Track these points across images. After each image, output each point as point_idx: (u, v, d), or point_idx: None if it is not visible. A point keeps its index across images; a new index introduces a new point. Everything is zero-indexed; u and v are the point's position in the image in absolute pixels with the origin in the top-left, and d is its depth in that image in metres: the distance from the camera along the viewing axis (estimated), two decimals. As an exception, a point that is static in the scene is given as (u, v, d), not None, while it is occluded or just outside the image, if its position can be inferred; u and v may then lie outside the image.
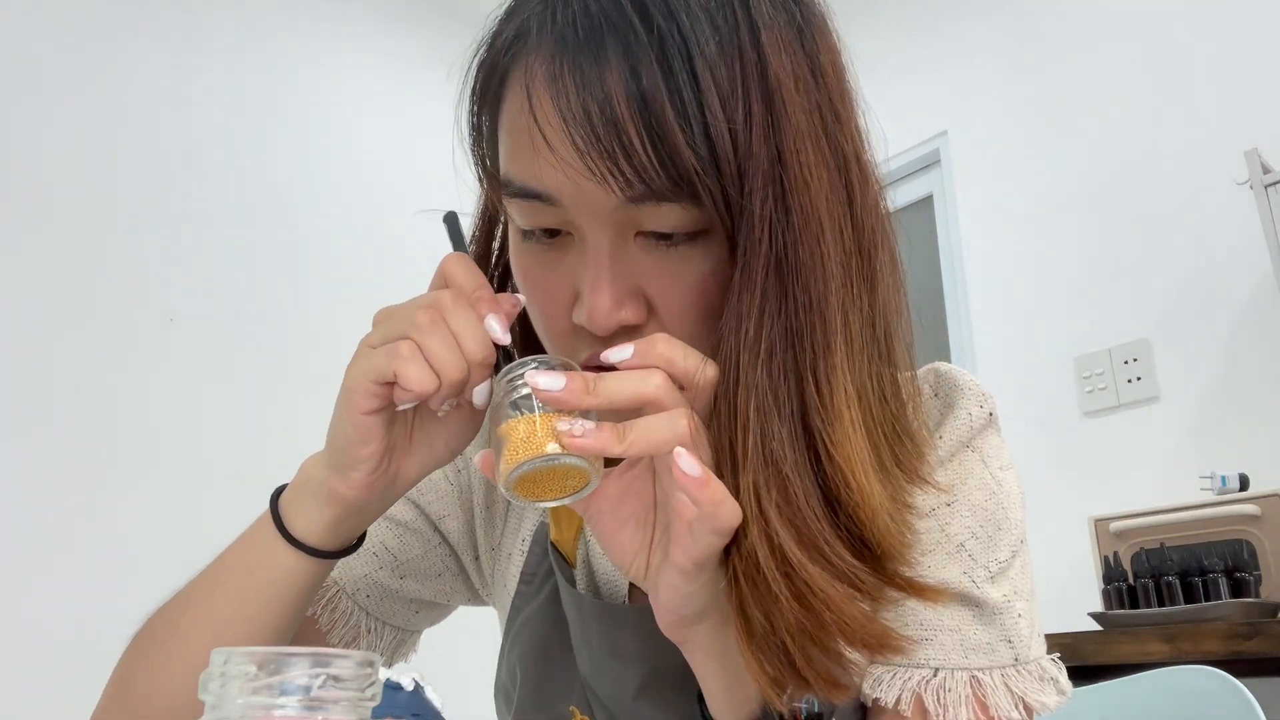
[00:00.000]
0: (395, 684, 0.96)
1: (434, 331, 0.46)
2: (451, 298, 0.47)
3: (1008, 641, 0.52)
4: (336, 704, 0.26)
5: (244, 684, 0.26)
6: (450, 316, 0.46)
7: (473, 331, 0.46)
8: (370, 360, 0.47)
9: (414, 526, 0.69)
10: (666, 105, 0.42)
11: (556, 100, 0.44)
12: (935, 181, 2.59)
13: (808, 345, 0.45)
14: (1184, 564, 1.56)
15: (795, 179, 0.44)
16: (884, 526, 0.45)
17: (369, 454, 0.49)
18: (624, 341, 0.47)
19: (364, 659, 0.27)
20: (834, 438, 0.44)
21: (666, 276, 0.48)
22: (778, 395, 0.45)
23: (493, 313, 0.47)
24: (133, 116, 2.14)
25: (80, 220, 2.00)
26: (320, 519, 0.52)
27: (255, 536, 0.54)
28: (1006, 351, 2.30)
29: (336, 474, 0.50)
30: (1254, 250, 1.86)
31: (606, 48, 0.43)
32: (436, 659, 1.19)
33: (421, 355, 0.45)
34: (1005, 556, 0.54)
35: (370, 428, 0.48)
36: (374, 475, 0.50)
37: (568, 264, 0.49)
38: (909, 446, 0.50)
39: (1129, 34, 2.21)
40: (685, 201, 0.44)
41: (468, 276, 0.49)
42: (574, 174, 0.44)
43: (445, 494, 0.70)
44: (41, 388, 1.87)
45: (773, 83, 0.44)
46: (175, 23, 2.25)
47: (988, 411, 0.57)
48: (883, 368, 0.49)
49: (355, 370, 0.47)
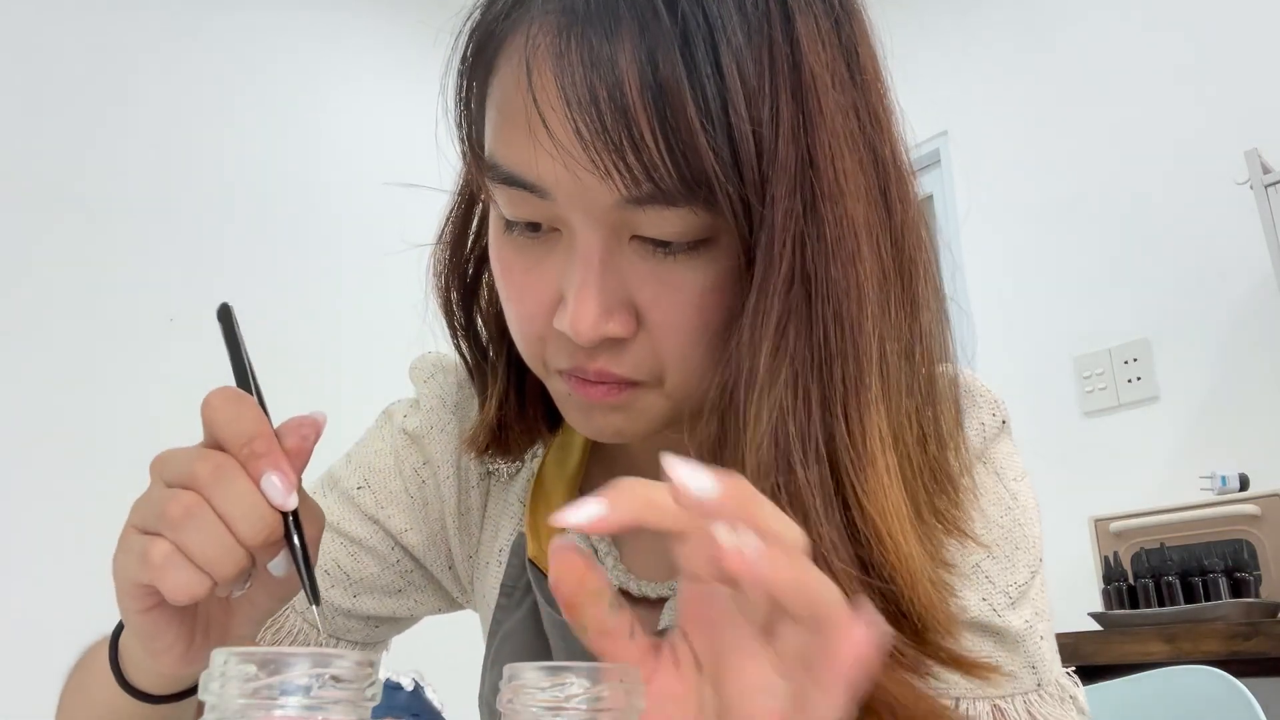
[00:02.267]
0: (395, 684, 0.96)
1: (191, 524, 0.37)
2: (212, 469, 0.37)
3: (1031, 667, 0.49)
4: (336, 704, 0.26)
5: (244, 684, 0.26)
6: (215, 495, 0.37)
7: (246, 511, 0.37)
8: (126, 562, 0.39)
9: (369, 544, 0.62)
10: (686, 98, 0.37)
11: (560, 79, 0.38)
12: (935, 181, 2.59)
13: (838, 377, 0.40)
14: (1184, 564, 1.56)
15: (829, 186, 0.40)
16: (925, 595, 0.39)
17: (171, 640, 0.41)
18: (608, 354, 0.43)
19: (364, 659, 0.27)
20: (867, 486, 0.39)
21: (662, 288, 0.42)
22: (801, 432, 0.39)
23: (272, 470, 0.37)
24: (132, 116, 2.13)
25: (80, 220, 2.00)
26: (155, 679, 0.45)
27: (94, 671, 0.48)
28: (1006, 351, 2.30)
29: (149, 658, 0.43)
30: (1254, 250, 1.86)
31: (621, 25, 0.38)
32: (436, 659, 1.20)
33: (181, 556, 0.37)
34: (1024, 578, 0.51)
35: (157, 621, 0.40)
36: (190, 653, 0.42)
37: (553, 262, 0.44)
38: (950, 496, 0.45)
39: (1129, 34, 2.21)
40: (696, 206, 0.39)
41: (236, 424, 0.38)
42: (574, 165, 0.39)
43: (407, 507, 0.62)
44: (41, 388, 1.87)
45: (806, 78, 0.39)
46: (175, 23, 2.25)
47: (1000, 420, 0.53)
48: (923, 405, 0.44)
49: (116, 567, 0.40)
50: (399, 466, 0.63)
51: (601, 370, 0.44)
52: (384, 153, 2.56)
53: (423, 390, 0.64)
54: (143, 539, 0.38)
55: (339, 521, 0.61)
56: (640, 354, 0.44)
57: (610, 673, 0.30)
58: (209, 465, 0.38)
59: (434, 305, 0.59)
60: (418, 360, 0.66)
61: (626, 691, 0.30)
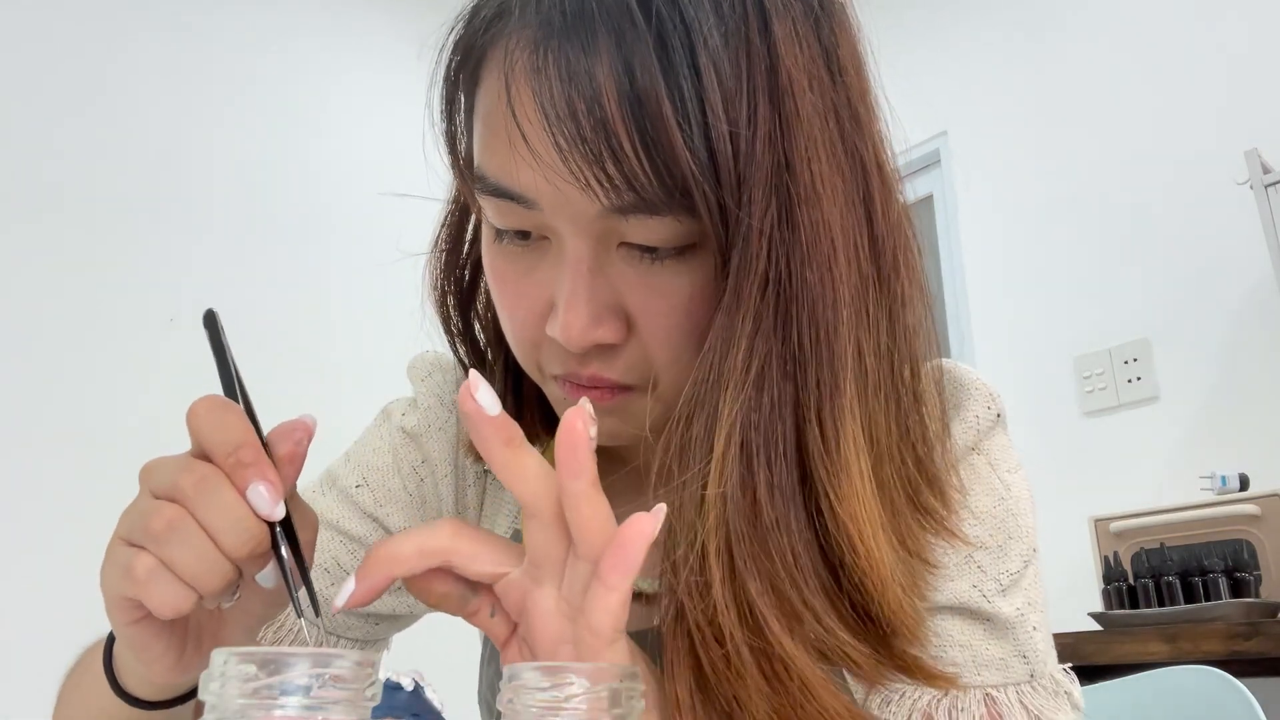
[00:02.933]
0: (395, 684, 0.96)
1: (175, 538, 0.36)
2: (196, 481, 0.36)
3: (1022, 657, 0.49)
4: (336, 704, 0.26)
5: (244, 684, 0.26)
6: (199, 508, 0.36)
7: (232, 523, 0.36)
8: (111, 574, 0.38)
9: (368, 542, 0.62)
10: (664, 104, 0.37)
11: (538, 94, 0.39)
12: (935, 181, 2.59)
13: (811, 381, 0.40)
14: (1184, 564, 1.56)
15: (805, 190, 0.39)
16: (895, 600, 0.40)
17: (161, 651, 0.41)
18: (600, 359, 0.44)
19: (364, 659, 0.27)
20: (839, 492, 0.39)
21: (650, 293, 0.43)
22: (769, 435, 0.39)
23: (259, 480, 0.36)
24: (132, 116, 2.13)
25: (80, 220, 2.00)
26: (148, 686, 0.45)
27: (89, 673, 0.48)
28: (1006, 351, 2.30)
29: (141, 666, 0.42)
30: (1254, 250, 1.86)
31: (598, 35, 0.38)
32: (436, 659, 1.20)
33: (166, 571, 0.36)
34: (1017, 567, 0.50)
35: (145, 634, 0.40)
36: (181, 662, 0.41)
37: (544, 269, 0.44)
38: (935, 497, 0.45)
39: (1129, 34, 2.21)
40: (679, 214, 0.40)
41: (221, 433, 0.37)
42: (554, 178, 0.39)
43: (405, 504, 0.63)
44: (42, 388, 1.87)
45: (783, 79, 0.39)
46: (175, 23, 2.25)
47: (995, 413, 0.53)
48: (904, 408, 0.44)
49: (103, 579, 0.39)
50: (397, 465, 0.63)
51: (594, 375, 0.45)
52: (384, 152, 2.55)
53: (420, 389, 0.65)
54: (128, 552, 0.37)
55: (338, 520, 0.62)
56: (632, 358, 0.45)
57: (610, 673, 0.30)
58: (193, 477, 0.37)
59: (430, 312, 0.59)
60: (415, 359, 0.67)
61: (626, 691, 0.30)
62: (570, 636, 0.37)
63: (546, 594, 0.38)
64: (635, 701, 0.30)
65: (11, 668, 1.65)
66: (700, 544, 0.39)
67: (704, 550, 0.39)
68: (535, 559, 0.38)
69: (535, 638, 0.38)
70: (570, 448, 0.35)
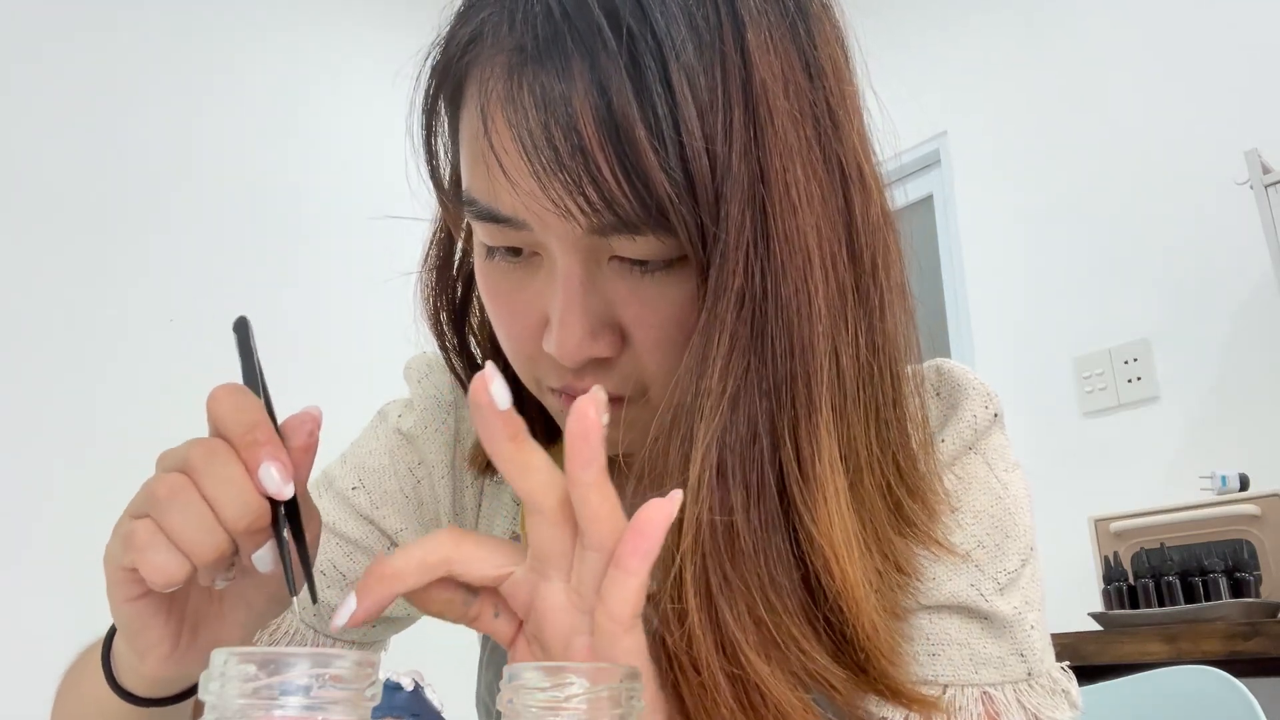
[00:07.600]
0: (395, 684, 0.96)
1: (176, 504, 0.36)
2: (204, 453, 0.37)
3: (1020, 655, 0.49)
4: (336, 704, 0.26)
5: (244, 684, 0.26)
6: (204, 478, 0.37)
7: (234, 495, 0.36)
8: (113, 544, 0.39)
9: (365, 544, 0.62)
10: (638, 124, 0.37)
11: (514, 124, 0.39)
12: (935, 181, 2.59)
13: (787, 401, 0.39)
14: (1184, 564, 1.56)
15: (779, 200, 0.39)
16: (870, 624, 0.40)
17: (156, 638, 0.41)
18: (596, 372, 0.44)
19: (364, 659, 0.27)
20: (815, 514, 0.39)
21: (642, 306, 0.43)
22: (745, 456, 0.39)
23: (270, 460, 0.37)
24: (132, 116, 2.13)
25: (81, 221, 2.00)
26: (141, 680, 0.45)
27: (87, 671, 0.48)
28: (1006, 351, 2.30)
29: (134, 655, 0.42)
30: (1254, 250, 1.86)
31: (571, 59, 0.38)
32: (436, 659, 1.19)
33: (164, 537, 0.37)
34: (1014, 566, 0.50)
35: (143, 613, 0.40)
36: (176, 653, 0.42)
37: (537, 285, 0.44)
38: (919, 509, 0.45)
39: (1129, 34, 2.21)
40: (659, 232, 0.40)
41: (238, 414, 0.38)
42: (533, 205, 0.40)
43: (402, 506, 0.63)
44: (42, 388, 1.87)
45: (757, 89, 0.39)
46: (175, 23, 2.25)
47: (992, 412, 0.53)
48: (884, 418, 0.44)
49: (106, 553, 0.40)
50: (394, 466, 0.63)
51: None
52: (384, 152, 2.55)
53: (417, 390, 0.65)
54: (131, 522, 0.38)
55: (335, 522, 0.62)
56: (627, 370, 0.45)
57: (610, 673, 0.30)
58: (203, 450, 0.37)
59: (424, 329, 0.59)
60: (412, 360, 0.67)
61: (626, 691, 0.30)
62: (583, 628, 0.37)
63: (555, 588, 0.38)
64: (635, 701, 0.30)
65: (11, 668, 1.65)
66: (677, 569, 0.39)
67: (680, 576, 0.39)
68: (540, 554, 0.38)
69: (546, 633, 0.38)
70: (582, 435, 0.35)
